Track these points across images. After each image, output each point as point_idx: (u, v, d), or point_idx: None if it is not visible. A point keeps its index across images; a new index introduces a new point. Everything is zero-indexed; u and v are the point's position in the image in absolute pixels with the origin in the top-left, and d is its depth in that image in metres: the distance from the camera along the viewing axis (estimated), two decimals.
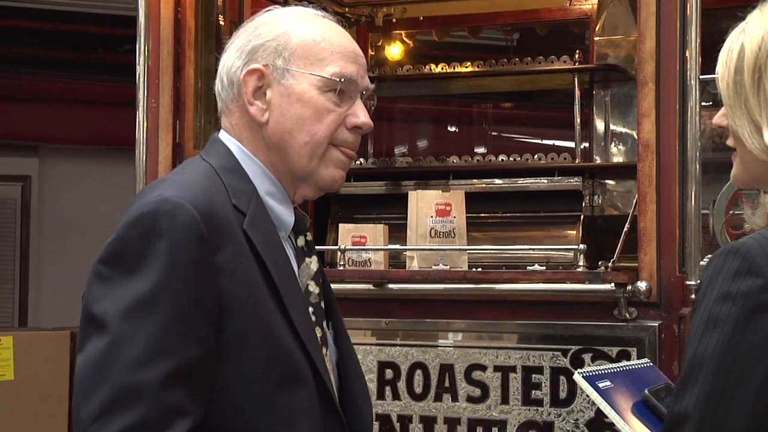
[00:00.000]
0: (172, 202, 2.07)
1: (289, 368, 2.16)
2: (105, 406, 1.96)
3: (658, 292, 3.61)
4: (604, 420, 3.63)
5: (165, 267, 2.03)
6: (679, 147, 3.61)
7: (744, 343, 1.73)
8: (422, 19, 5.60)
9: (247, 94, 2.26)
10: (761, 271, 1.74)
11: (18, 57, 9.12)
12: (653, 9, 3.67)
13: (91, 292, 2.07)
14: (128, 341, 1.99)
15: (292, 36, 2.27)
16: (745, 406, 1.73)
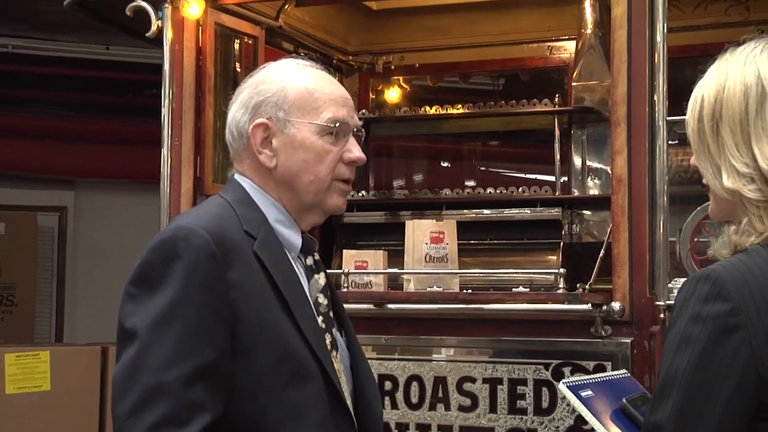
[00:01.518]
0: (186, 228, 2.20)
1: (297, 367, 2.23)
2: (137, 404, 2.06)
3: (630, 311, 3.60)
4: (582, 427, 3.62)
5: (182, 283, 2.14)
6: (648, 181, 3.60)
7: (713, 361, 1.72)
8: (418, 66, 5.62)
9: (256, 145, 2.35)
10: (729, 296, 1.73)
11: (56, 100, 9.13)
12: (625, 58, 3.67)
13: (123, 309, 2.19)
14: (154, 348, 2.10)
15: (289, 90, 2.37)
16: (714, 417, 1.72)
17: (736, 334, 1.71)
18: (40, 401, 5.51)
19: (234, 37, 4.55)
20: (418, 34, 5.40)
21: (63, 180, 9.39)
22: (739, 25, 4.66)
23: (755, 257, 1.77)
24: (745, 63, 1.89)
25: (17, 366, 5.50)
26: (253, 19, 4.62)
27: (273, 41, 4.87)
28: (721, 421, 1.72)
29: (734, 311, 1.72)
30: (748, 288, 1.73)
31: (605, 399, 2.09)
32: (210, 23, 4.32)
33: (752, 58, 1.88)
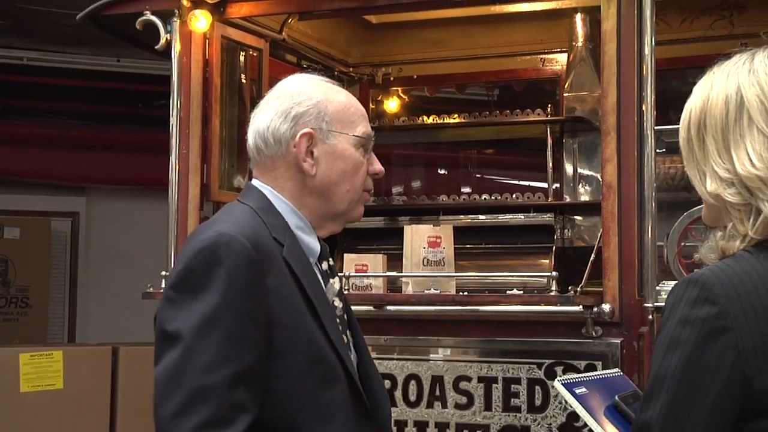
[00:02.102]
0: (228, 235, 2.17)
1: (326, 369, 2.26)
2: (182, 406, 2.05)
3: (620, 313, 3.60)
4: (574, 425, 3.62)
5: (225, 289, 2.12)
6: (637, 188, 3.60)
7: (701, 362, 1.72)
8: (416, 78, 5.62)
9: (301, 153, 2.34)
10: (717, 300, 1.72)
11: (70, 110, 9.15)
12: (614, 69, 3.67)
13: (164, 313, 2.17)
14: (198, 352, 2.09)
15: (328, 103, 2.38)
16: (702, 416, 1.71)
17: (724, 336, 1.71)
18: (53, 399, 5.50)
19: (239, 50, 4.55)
20: (415, 46, 5.40)
21: (75, 187, 9.41)
22: (723, 38, 4.67)
23: (742, 262, 1.77)
24: (728, 75, 1.89)
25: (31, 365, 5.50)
26: (257, 32, 4.62)
27: (277, 53, 4.87)
28: (708, 420, 1.71)
29: (721, 314, 1.71)
30: (736, 292, 1.72)
31: (598, 396, 2.09)
32: (216, 36, 4.32)
33: (735, 70, 1.88)
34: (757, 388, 1.69)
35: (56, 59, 8.81)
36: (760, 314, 1.71)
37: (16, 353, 5.46)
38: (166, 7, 4.22)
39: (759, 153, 1.81)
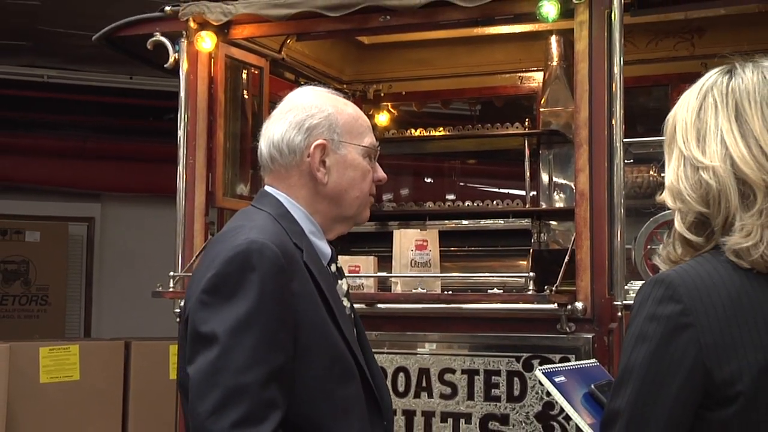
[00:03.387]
0: (259, 242, 2.15)
1: (343, 367, 2.26)
2: (219, 404, 2.03)
3: (591, 310, 3.60)
4: (549, 413, 3.61)
5: (257, 294, 2.10)
6: (607, 195, 3.61)
7: (666, 356, 1.72)
8: (405, 94, 5.62)
9: (315, 163, 2.33)
10: (681, 298, 1.72)
11: (86, 124, 9.17)
12: (587, 87, 3.68)
13: (198, 316, 2.14)
14: (233, 352, 2.06)
15: (338, 115, 2.37)
16: (666, 404, 1.71)
17: (686, 332, 1.71)
18: (70, 389, 5.49)
19: (242, 68, 4.54)
20: (404, 65, 5.41)
21: (91, 194, 9.42)
22: (685, 59, 4.68)
23: (704, 264, 1.77)
24: (692, 92, 1.88)
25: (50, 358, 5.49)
26: (259, 52, 4.62)
27: (276, 71, 4.86)
28: (672, 408, 1.71)
29: (685, 312, 1.71)
30: (698, 291, 1.72)
31: (576, 384, 2.09)
32: (221, 56, 4.32)
33: (698, 86, 1.88)
34: (717, 380, 1.69)
35: (74, 77, 8.83)
36: (720, 312, 1.71)
37: (36, 347, 5.45)
38: (174, 29, 4.22)
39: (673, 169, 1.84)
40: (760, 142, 1.75)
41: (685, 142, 1.83)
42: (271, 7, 4.03)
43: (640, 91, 4.84)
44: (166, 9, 4.20)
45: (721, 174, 1.76)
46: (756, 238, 1.72)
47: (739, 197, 1.75)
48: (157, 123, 8.96)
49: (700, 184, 1.78)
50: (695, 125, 1.82)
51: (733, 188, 1.75)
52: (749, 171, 1.74)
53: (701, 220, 1.80)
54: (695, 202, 1.79)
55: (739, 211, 1.75)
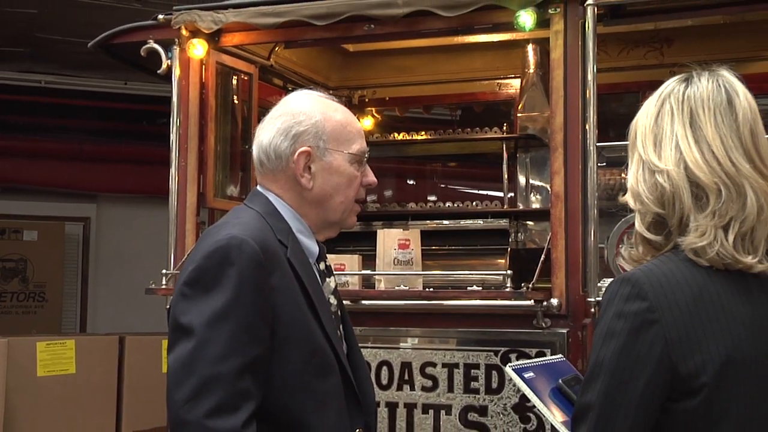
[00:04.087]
0: (239, 238, 2.13)
1: (322, 360, 2.23)
2: (194, 392, 2.01)
3: (566, 306, 3.60)
4: (525, 404, 3.62)
5: (235, 287, 2.09)
6: (581, 197, 3.61)
7: (633, 351, 1.72)
8: (388, 99, 5.62)
9: (299, 169, 2.30)
10: (647, 296, 1.73)
11: (82, 127, 9.15)
12: (562, 93, 3.68)
13: (178, 307, 2.12)
14: (209, 343, 2.05)
15: (326, 122, 2.33)
16: (634, 397, 1.72)
17: (653, 328, 1.72)
18: (66, 382, 5.47)
19: (232, 74, 4.53)
20: (387, 72, 5.41)
21: (87, 195, 9.40)
22: (655, 67, 4.70)
23: (667, 263, 1.78)
24: (652, 99, 1.89)
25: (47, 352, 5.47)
26: (248, 58, 4.61)
27: (265, 77, 4.85)
28: (640, 400, 1.72)
29: (651, 309, 1.72)
30: (663, 289, 1.73)
31: (544, 380, 2.09)
32: (212, 62, 4.31)
33: (657, 93, 1.89)
34: (682, 373, 1.70)
35: (71, 82, 8.82)
36: (683, 309, 1.72)
37: (33, 342, 5.43)
38: (167, 36, 4.20)
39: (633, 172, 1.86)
40: (713, 147, 1.77)
41: (643, 146, 1.84)
42: (260, 15, 4.02)
43: (612, 97, 4.86)
44: (159, 17, 4.19)
45: (674, 177, 1.78)
46: (710, 237, 1.74)
47: (692, 199, 1.77)
48: (150, 127, 8.95)
49: (656, 187, 1.80)
50: (653, 131, 1.84)
51: (687, 190, 1.77)
52: (702, 174, 1.76)
53: (658, 220, 1.82)
54: (652, 203, 1.81)
55: (693, 212, 1.77)
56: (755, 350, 1.72)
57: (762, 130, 1.81)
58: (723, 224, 1.75)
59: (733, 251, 1.74)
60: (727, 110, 1.80)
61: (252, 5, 4.07)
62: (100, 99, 8.89)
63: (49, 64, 8.54)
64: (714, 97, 1.81)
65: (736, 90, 1.82)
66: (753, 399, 1.72)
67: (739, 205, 1.75)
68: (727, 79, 1.83)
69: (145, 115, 8.95)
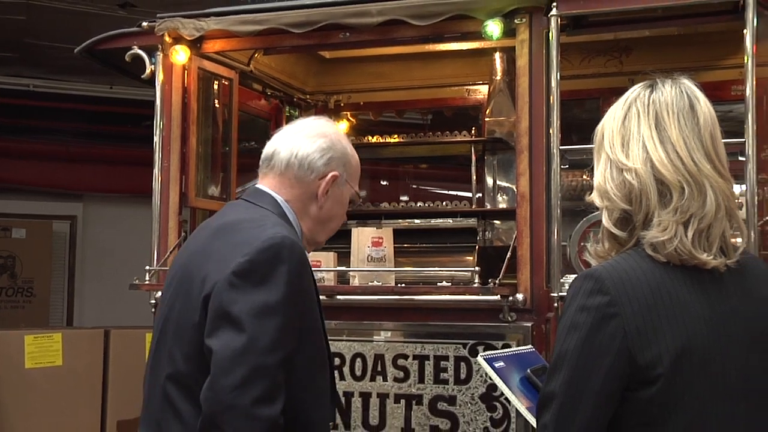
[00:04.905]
0: (290, 239, 2.18)
1: (323, 356, 2.30)
2: (243, 380, 2.02)
3: (531, 301, 3.61)
4: (492, 394, 3.63)
5: (285, 285, 2.11)
6: (545, 197, 3.62)
7: (595, 342, 1.73)
8: (363, 104, 5.61)
9: (324, 189, 2.38)
10: (608, 291, 1.74)
11: (69, 129, 9.11)
12: (527, 99, 3.69)
13: (227, 295, 2.11)
14: (259, 335, 2.06)
15: (351, 158, 2.45)
16: (596, 386, 1.73)
17: (613, 321, 1.72)
18: (53, 374, 5.44)
19: (213, 79, 4.51)
20: (362, 78, 5.40)
21: (73, 194, 9.35)
22: (615, 75, 4.73)
23: (628, 260, 1.79)
24: (618, 104, 1.91)
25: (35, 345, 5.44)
26: (229, 64, 4.59)
27: (245, 83, 4.84)
28: (600, 389, 1.72)
29: (611, 303, 1.73)
30: (623, 284, 1.74)
31: (513, 369, 2.10)
32: (194, 68, 4.29)
33: (623, 98, 1.90)
34: (640, 363, 1.71)
35: (58, 86, 8.77)
36: (642, 303, 1.72)
37: (21, 335, 5.40)
38: (151, 42, 4.18)
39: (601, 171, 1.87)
40: (677, 147, 1.79)
41: (611, 147, 1.86)
42: (240, 23, 4.01)
43: (575, 103, 4.88)
44: (143, 24, 4.17)
45: (642, 175, 1.79)
46: (671, 233, 1.75)
47: (657, 196, 1.78)
48: (134, 129, 8.88)
49: (624, 184, 1.81)
50: (620, 132, 1.85)
51: (653, 188, 1.78)
52: (666, 172, 1.78)
53: (625, 216, 1.83)
54: (619, 200, 1.82)
55: (657, 209, 1.78)
56: (709, 342, 1.74)
57: (720, 134, 1.83)
58: (684, 220, 1.76)
59: (690, 247, 1.75)
60: (689, 114, 1.82)
61: (232, 13, 4.06)
62: (87, 102, 8.84)
63: (38, 68, 8.49)
64: (677, 102, 1.83)
65: (697, 96, 1.85)
66: (706, 388, 1.73)
67: (699, 203, 1.77)
68: (688, 86, 1.86)
69: (129, 118, 8.90)
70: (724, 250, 1.79)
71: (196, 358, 2.14)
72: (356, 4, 3.84)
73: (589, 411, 1.73)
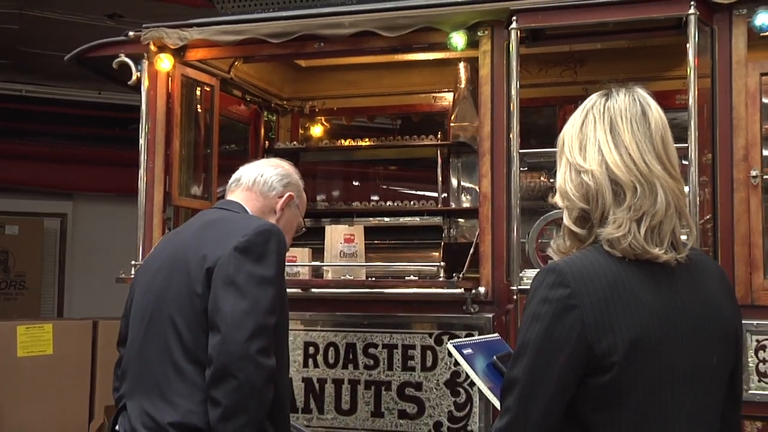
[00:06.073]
0: (278, 227, 2.56)
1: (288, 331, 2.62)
2: (251, 334, 2.31)
3: (492, 294, 3.62)
4: (456, 380, 3.63)
5: (277, 262, 2.46)
6: (506, 197, 3.63)
7: (555, 332, 1.73)
8: (336, 109, 5.59)
9: (282, 205, 2.77)
10: (568, 284, 1.74)
11: (59, 132, 9.07)
12: (489, 106, 3.70)
13: (232, 267, 2.39)
14: (261, 299, 2.37)
15: (302, 191, 2.87)
16: (555, 372, 1.73)
17: (573, 312, 1.72)
18: (44, 362, 5.41)
19: (196, 86, 4.47)
20: (336, 85, 5.38)
21: (64, 193, 9.32)
22: (570, 84, 4.75)
23: (587, 255, 1.79)
24: (577, 112, 1.91)
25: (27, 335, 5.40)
26: (210, 72, 4.55)
27: (226, 89, 4.80)
28: (560, 375, 1.72)
29: (571, 296, 1.73)
30: (582, 278, 1.74)
31: (481, 356, 2.10)
32: (177, 75, 4.25)
33: (582, 106, 1.90)
34: (596, 352, 1.71)
35: (49, 91, 8.74)
36: (600, 296, 1.73)
37: (14, 326, 5.36)
38: (137, 51, 4.14)
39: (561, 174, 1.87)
40: (630, 150, 1.80)
41: (570, 151, 1.86)
42: (221, 33, 3.99)
43: (533, 110, 4.89)
44: (130, 33, 4.13)
45: (598, 176, 1.80)
46: (625, 229, 1.76)
47: (612, 195, 1.79)
48: (122, 132, 8.84)
49: (582, 185, 1.82)
50: (578, 137, 1.86)
51: (608, 188, 1.79)
52: (620, 173, 1.78)
53: (583, 215, 1.83)
54: (578, 199, 1.82)
55: (612, 207, 1.79)
56: (659, 333, 1.74)
57: (670, 138, 1.84)
58: (637, 218, 1.77)
59: (643, 243, 1.76)
60: (641, 120, 1.83)
61: (214, 24, 4.03)
62: (76, 107, 8.80)
63: (30, 74, 8.44)
64: (630, 108, 1.84)
65: (649, 103, 1.86)
66: (655, 375, 1.74)
67: (651, 201, 1.77)
68: (640, 94, 1.87)
69: (117, 122, 8.85)
70: (674, 245, 1.80)
71: (196, 322, 2.39)
72: (330, 17, 3.84)
73: (549, 395, 1.73)
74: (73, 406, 5.49)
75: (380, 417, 3.73)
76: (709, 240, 3.41)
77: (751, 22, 3.37)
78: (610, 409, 1.72)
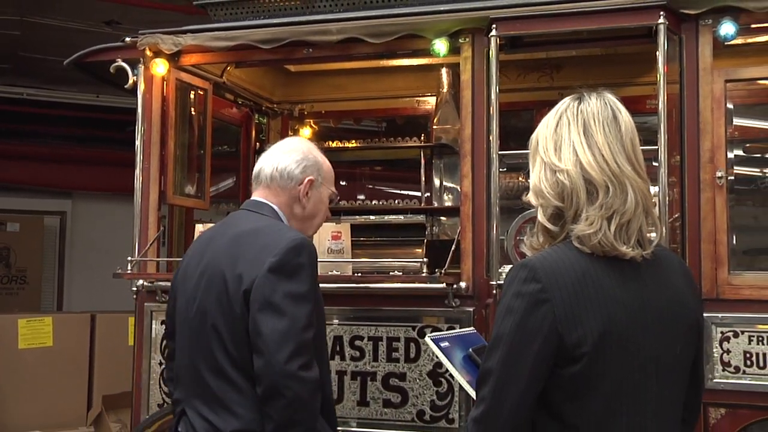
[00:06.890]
0: (307, 240, 2.47)
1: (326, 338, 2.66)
2: (293, 352, 2.29)
3: (472, 288, 3.63)
4: (438, 371, 3.64)
5: (310, 277, 2.40)
6: (486, 196, 3.64)
7: (528, 325, 1.74)
8: (324, 112, 5.59)
9: (304, 191, 2.64)
10: (540, 279, 1.75)
11: (59, 134, 9.05)
12: (470, 109, 3.71)
13: (267, 289, 2.34)
14: (298, 318, 2.32)
15: (323, 164, 2.71)
16: (528, 363, 1.74)
17: (544, 306, 1.73)
18: (44, 354, 5.39)
19: (189, 89, 4.46)
20: (324, 89, 5.38)
21: (63, 192, 9.29)
22: (546, 89, 4.77)
23: (558, 251, 1.80)
24: (550, 114, 1.92)
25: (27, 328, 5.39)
26: (204, 76, 4.54)
27: (219, 93, 4.80)
28: (532, 366, 1.73)
29: (543, 290, 1.74)
30: (554, 273, 1.75)
31: (457, 348, 2.11)
32: (172, 79, 4.24)
33: (555, 109, 1.92)
34: (567, 343, 1.72)
35: (49, 95, 8.70)
36: (570, 290, 1.74)
37: (15, 319, 5.35)
38: (133, 56, 4.13)
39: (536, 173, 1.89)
40: (603, 151, 1.81)
41: (545, 151, 1.87)
42: (214, 39, 3.98)
43: (512, 114, 4.90)
44: (127, 39, 4.12)
45: (573, 175, 1.81)
46: (597, 226, 1.77)
47: (585, 194, 1.80)
48: (118, 134, 8.81)
49: (557, 184, 1.83)
50: (553, 138, 1.87)
51: (582, 186, 1.80)
52: (594, 173, 1.80)
53: (557, 213, 1.84)
54: (553, 197, 1.83)
55: (585, 205, 1.80)
56: (626, 325, 1.76)
57: (638, 141, 1.86)
58: (608, 216, 1.78)
59: (612, 240, 1.77)
60: (612, 123, 1.84)
61: (207, 31, 4.03)
62: (75, 109, 8.76)
63: (31, 78, 8.40)
64: (602, 112, 1.85)
65: (619, 108, 1.87)
66: (623, 365, 1.75)
67: (621, 200, 1.79)
68: (610, 98, 1.89)
69: (114, 124, 8.81)
70: (641, 243, 1.82)
71: (242, 343, 2.36)
72: (318, 24, 3.84)
73: (522, 385, 1.74)
74: (72, 395, 5.48)
75: (366, 406, 3.73)
76: (678, 237, 3.44)
77: (716, 32, 3.40)
78: (581, 399, 1.74)
